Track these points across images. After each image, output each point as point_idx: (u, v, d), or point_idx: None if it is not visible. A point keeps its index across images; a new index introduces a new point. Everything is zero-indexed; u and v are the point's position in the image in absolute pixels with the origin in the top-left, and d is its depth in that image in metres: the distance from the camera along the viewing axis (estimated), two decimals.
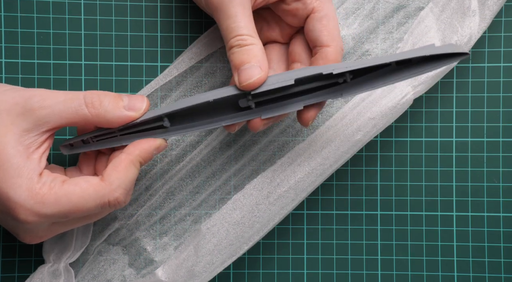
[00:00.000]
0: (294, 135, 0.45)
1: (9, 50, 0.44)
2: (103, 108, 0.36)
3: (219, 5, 0.36)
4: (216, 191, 0.45)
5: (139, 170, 0.37)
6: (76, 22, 0.44)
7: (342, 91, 0.38)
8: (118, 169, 0.36)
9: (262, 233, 0.42)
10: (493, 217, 0.45)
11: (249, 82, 0.36)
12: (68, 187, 0.35)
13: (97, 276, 0.44)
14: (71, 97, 0.36)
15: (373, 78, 0.37)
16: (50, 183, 0.35)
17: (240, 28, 0.36)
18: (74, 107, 0.36)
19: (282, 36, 0.42)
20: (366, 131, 0.42)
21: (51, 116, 0.35)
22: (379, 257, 0.46)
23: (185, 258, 0.42)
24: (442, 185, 0.46)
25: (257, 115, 0.38)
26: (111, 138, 0.39)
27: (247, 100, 0.38)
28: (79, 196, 0.35)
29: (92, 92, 0.36)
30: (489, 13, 0.43)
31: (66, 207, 0.35)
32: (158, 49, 0.45)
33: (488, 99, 0.45)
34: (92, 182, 0.36)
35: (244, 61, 0.36)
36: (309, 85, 0.38)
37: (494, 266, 0.45)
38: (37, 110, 0.35)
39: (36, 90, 0.36)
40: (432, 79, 0.43)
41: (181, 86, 0.44)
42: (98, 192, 0.35)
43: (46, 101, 0.35)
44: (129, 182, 0.37)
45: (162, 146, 0.38)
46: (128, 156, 0.37)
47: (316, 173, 0.42)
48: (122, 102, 0.37)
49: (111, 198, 0.36)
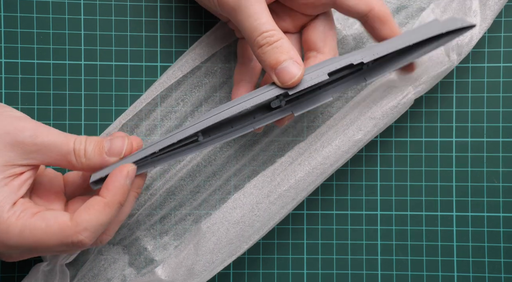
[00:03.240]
0: (295, 135, 0.45)
1: (9, 50, 0.44)
2: (87, 157, 0.36)
3: (237, 6, 0.36)
4: (217, 191, 0.45)
5: (118, 209, 0.36)
6: (76, 22, 0.44)
7: (365, 76, 0.39)
8: (90, 211, 0.35)
9: (262, 232, 0.42)
10: (493, 217, 0.45)
11: (293, 81, 0.35)
12: (35, 221, 0.34)
13: (97, 275, 0.44)
14: (61, 142, 0.35)
15: (392, 58, 0.39)
16: (20, 213, 0.34)
17: (263, 25, 0.36)
18: (62, 153, 0.35)
19: (294, 27, 0.41)
20: (366, 131, 0.42)
21: (39, 155, 0.35)
22: (379, 257, 0.46)
23: (185, 256, 0.42)
24: (442, 185, 0.46)
25: (288, 113, 0.38)
26: (146, 164, 0.38)
27: (280, 100, 0.38)
28: (43, 232, 0.34)
29: (81, 139, 0.36)
30: (490, 13, 0.43)
31: (28, 241, 0.34)
32: (158, 49, 0.45)
33: (488, 99, 0.46)
34: (60, 219, 0.35)
35: (279, 59, 0.35)
36: (336, 75, 0.38)
37: (494, 266, 0.45)
38: (27, 146, 0.35)
39: (30, 123, 0.35)
40: (433, 79, 0.43)
41: (181, 86, 0.44)
42: (63, 231, 0.34)
43: (37, 139, 0.35)
44: (99, 225, 0.35)
45: (131, 171, 0.36)
46: (102, 199, 0.35)
47: (317, 172, 0.42)
48: (104, 148, 0.37)
49: (74, 239, 0.35)
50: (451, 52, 0.43)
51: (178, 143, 0.37)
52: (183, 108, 0.45)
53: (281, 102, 0.38)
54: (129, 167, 0.36)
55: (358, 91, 0.45)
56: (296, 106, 0.38)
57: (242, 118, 0.39)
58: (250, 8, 0.36)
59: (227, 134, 0.38)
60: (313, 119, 0.45)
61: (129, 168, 0.36)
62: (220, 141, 0.38)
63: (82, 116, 0.44)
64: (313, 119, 0.45)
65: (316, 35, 0.40)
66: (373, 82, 0.44)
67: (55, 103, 0.44)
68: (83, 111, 0.44)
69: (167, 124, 0.44)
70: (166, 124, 0.44)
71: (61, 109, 0.44)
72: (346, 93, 0.45)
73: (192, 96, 0.45)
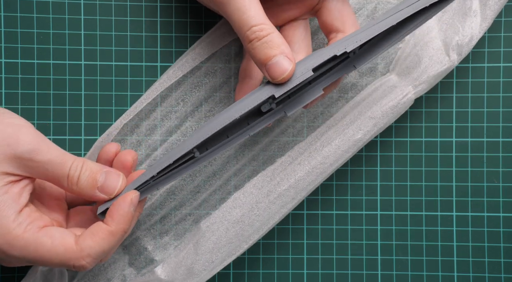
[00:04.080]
0: (295, 135, 0.45)
1: (9, 50, 0.44)
2: (79, 186, 0.36)
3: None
4: (217, 191, 0.45)
5: (123, 236, 0.36)
6: (76, 22, 0.44)
7: (354, 63, 0.38)
8: (95, 239, 0.35)
9: (262, 231, 0.42)
10: (493, 217, 0.45)
11: (283, 76, 0.35)
12: (41, 237, 0.35)
13: (97, 275, 0.44)
14: (58, 163, 0.35)
15: (379, 41, 0.38)
16: (27, 226, 0.34)
17: (252, 18, 0.35)
18: (57, 175, 0.35)
19: (302, 13, 0.40)
20: (366, 131, 0.42)
21: (36, 171, 0.35)
22: (379, 257, 0.46)
23: (185, 256, 0.42)
24: (442, 185, 0.46)
25: (281, 114, 0.38)
26: (149, 188, 0.38)
27: (270, 104, 0.37)
28: (47, 250, 0.34)
29: (77, 165, 0.36)
30: (491, 13, 0.43)
31: (32, 255, 0.34)
32: (158, 49, 0.45)
33: (488, 99, 0.46)
34: (65, 241, 0.35)
35: (269, 55, 0.35)
36: (323, 68, 0.38)
37: (494, 266, 0.45)
38: (26, 161, 0.35)
39: (30, 135, 0.35)
40: (433, 78, 0.43)
41: (181, 86, 0.44)
42: (67, 254, 0.35)
43: (36, 156, 0.35)
44: (102, 252, 0.35)
45: (135, 198, 0.37)
46: (108, 227, 0.36)
47: (317, 172, 0.42)
48: (97, 182, 0.36)
49: (76, 264, 0.35)
50: (451, 52, 0.43)
51: (175, 163, 0.37)
52: (183, 108, 0.45)
53: (271, 105, 0.37)
54: (133, 194, 0.36)
55: (358, 91, 0.45)
56: (288, 106, 0.38)
57: (237, 126, 0.38)
58: (238, 1, 0.35)
59: (224, 145, 0.38)
60: (313, 119, 0.45)
61: (133, 195, 0.36)
62: (217, 153, 0.38)
63: (82, 116, 0.44)
64: (313, 119, 0.45)
65: (332, 16, 0.39)
66: (371, 83, 0.44)
67: (55, 103, 0.44)
68: (83, 111, 0.44)
69: (167, 124, 0.44)
70: (166, 124, 0.44)
71: (61, 109, 0.44)
72: (346, 93, 0.45)
73: (192, 96, 0.45)
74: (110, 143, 0.42)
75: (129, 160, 0.40)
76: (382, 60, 0.45)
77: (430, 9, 0.37)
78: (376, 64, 0.45)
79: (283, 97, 0.38)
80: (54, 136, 0.44)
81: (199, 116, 0.45)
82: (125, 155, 0.40)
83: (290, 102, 0.38)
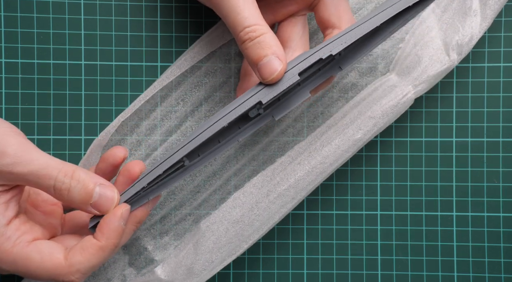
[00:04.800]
0: (294, 135, 0.45)
1: (9, 50, 0.44)
2: (70, 198, 0.35)
3: None
4: (217, 191, 0.45)
5: (113, 250, 0.36)
6: (76, 22, 0.44)
7: (340, 64, 0.38)
8: (84, 254, 0.35)
9: (262, 231, 0.42)
10: (493, 217, 0.45)
11: (273, 77, 0.35)
12: (30, 252, 0.34)
13: (97, 275, 0.44)
14: (43, 174, 0.34)
15: (364, 42, 0.38)
16: (16, 240, 0.34)
17: (246, 19, 0.35)
18: (42, 186, 0.34)
19: (300, 9, 0.40)
20: (366, 131, 0.42)
21: (18, 181, 0.34)
22: (379, 257, 0.46)
23: (185, 256, 0.42)
24: (442, 185, 0.46)
25: (269, 119, 0.38)
26: (139, 198, 0.37)
27: (257, 109, 0.37)
28: (36, 266, 0.34)
29: (65, 174, 0.34)
30: (491, 12, 0.43)
31: (21, 270, 0.34)
32: (158, 49, 0.45)
33: (488, 99, 0.45)
34: (54, 256, 0.34)
35: (261, 55, 0.35)
36: (309, 71, 0.38)
37: (494, 266, 0.45)
38: (4, 174, 0.33)
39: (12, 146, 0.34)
40: (433, 78, 0.43)
41: (181, 86, 0.44)
42: (56, 269, 0.34)
43: (15, 169, 0.33)
44: (92, 267, 0.35)
45: (125, 212, 0.36)
46: (97, 243, 0.35)
47: (316, 172, 0.42)
48: (91, 198, 0.35)
49: (65, 279, 0.35)
50: (451, 52, 0.43)
51: (165, 173, 0.37)
52: (183, 108, 0.45)
53: (259, 110, 0.38)
54: (123, 208, 0.36)
55: (358, 91, 0.45)
56: (275, 110, 0.38)
57: (228, 131, 0.38)
58: (232, 1, 0.35)
59: (215, 150, 0.38)
60: (313, 119, 0.45)
61: (123, 209, 0.36)
62: (209, 159, 0.38)
63: (82, 116, 0.44)
64: (313, 119, 0.45)
65: (328, 11, 0.39)
66: (371, 82, 0.44)
67: (55, 103, 0.44)
68: (83, 111, 0.44)
69: (167, 124, 0.44)
70: (166, 124, 0.44)
71: (61, 109, 0.44)
72: (346, 93, 0.45)
73: (192, 96, 0.45)
74: (118, 147, 0.40)
75: (137, 172, 0.38)
76: (382, 60, 0.45)
77: (414, 8, 0.38)
78: (376, 64, 0.45)
79: (270, 102, 0.38)
80: (54, 136, 0.44)
81: (199, 116, 0.45)
82: (133, 166, 0.38)
83: (278, 107, 0.38)
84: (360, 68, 0.45)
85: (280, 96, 0.38)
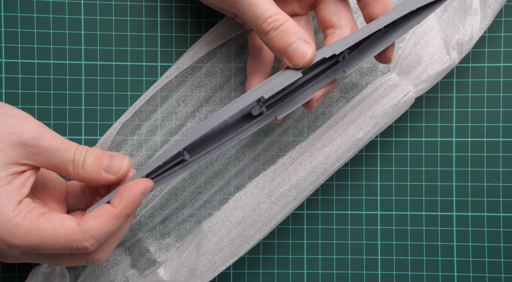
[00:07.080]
0: (296, 135, 0.45)
1: (9, 50, 0.44)
2: (84, 170, 0.36)
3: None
4: (218, 192, 0.45)
5: (125, 221, 0.36)
6: (76, 22, 0.44)
7: (344, 68, 0.38)
8: (98, 220, 0.35)
9: (263, 232, 0.42)
10: (493, 217, 0.46)
11: (305, 60, 0.35)
12: (41, 223, 0.34)
13: (100, 277, 0.44)
14: (63, 148, 0.35)
15: (368, 46, 0.38)
16: (26, 214, 0.34)
17: (266, 11, 0.35)
18: (62, 160, 0.35)
19: (302, 8, 0.41)
20: (367, 130, 0.42)
21: (40, 158, 0.35)
22: (379, 257, 0.46)
23: (187, 257, 0.42)
24: (442, 185, 0.46)
25: (271, 118, 0.38)
26: None
27: (260, 107, 0.37)
28: (50, 235, 0.34)
29: (82, 150, 0.36)
30: (491, 11, 0.43)
31: (34, 242, 0.34)
32: (158, 49, 0.45)
33: (488, 99, 0.46)
34: (66, 224, 0.35)
35: (288, 42, 0.35)
36: (313, 72, 0.38)
37: (494, 266, 0.45)
38: (30, 148, 0.35)
39: (33, 124, 0.35)
40: (433, 77, 0.43)
41: (182, 86, 0.44)
42: (69, 236, 0.35)
43: (40, 142, 0.35)
44: (106, 234, 0.35)
45: (148, 188, 0.37)
46: (113, 209, 0.35)
47: (318, 172, 0.42)
48: (102, 164, 0.36)
49: (79, 245, 0.35)
50: (452, 51, 0.43)
51: (165, 165, 0.37)
52: (183, 109, 0.44)
53: (261, 109, 0.38)
54: (148, 183, 0.37)
55: (359, 91, 0.45)
56: (278, 110, 0.38)
57: (230, 129, 0.39)
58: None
59: (217, 148, 0.38)
60: (314, 119, 0.45)
61: (147, 184, 0.36)
62: (210, 156, 0.38)
63: (82, 116, 0.44)
64: (314, 119, 0.45)
65: (329, 11, 0.40)
66: (371, 82, 0.44)
67: (55, 103, 0.44)
68: (83, 111, 0.44)
69: (168, 125, 0.44)
70: (167, 125, 0.44)
71: (61, 109, 0.44)
72: (347, 93, 0.45)
73: (193, 97, 0.45)
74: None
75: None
76: None
77: (417, 14, 0.38)
78: (377, 63, 0.45)
79: (274, 101, 0.38)
80: None
81: (200, 117, 0.45)
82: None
83: (281, 107, 0.38)
84: (360, 68, 0.45)
85: (283, 97, 0.38)
